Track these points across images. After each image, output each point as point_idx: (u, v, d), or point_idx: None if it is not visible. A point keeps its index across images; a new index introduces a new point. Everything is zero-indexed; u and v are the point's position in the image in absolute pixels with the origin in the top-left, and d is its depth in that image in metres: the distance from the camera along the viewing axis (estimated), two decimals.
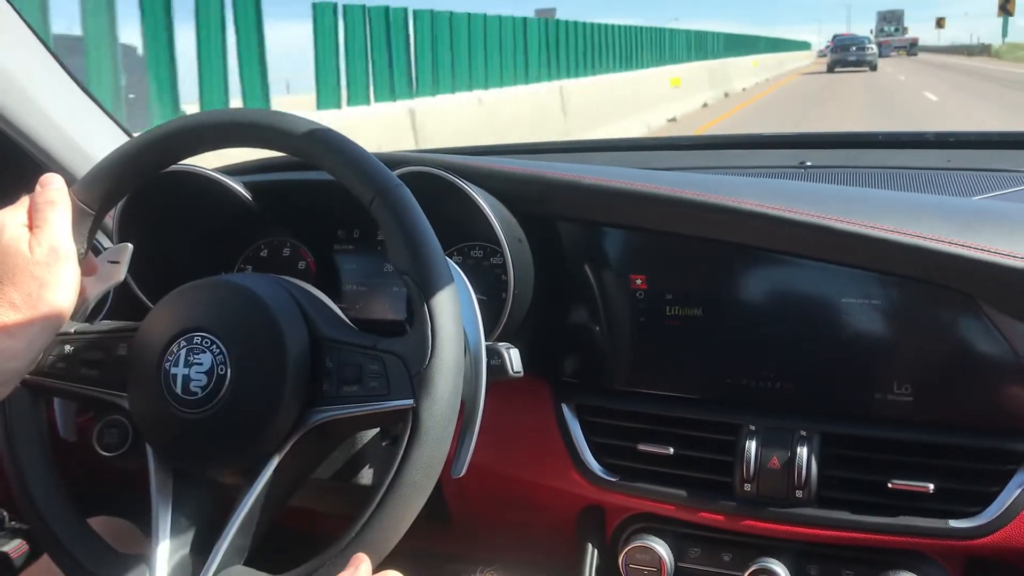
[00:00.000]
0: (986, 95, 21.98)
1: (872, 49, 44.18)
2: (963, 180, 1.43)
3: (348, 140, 0.91)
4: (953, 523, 1.06)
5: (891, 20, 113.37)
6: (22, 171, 1.38)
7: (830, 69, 43.24)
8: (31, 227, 0.89)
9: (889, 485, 1.07)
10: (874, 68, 41.82)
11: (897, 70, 41.05)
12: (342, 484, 1.18)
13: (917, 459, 1.08)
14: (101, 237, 1.35)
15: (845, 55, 43.78)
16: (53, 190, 0.92)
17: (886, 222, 1.04)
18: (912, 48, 79.64)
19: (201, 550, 0.90)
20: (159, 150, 0.96)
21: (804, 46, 68.16)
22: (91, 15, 6.37)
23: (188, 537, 0.91)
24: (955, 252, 1.01)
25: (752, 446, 1.12)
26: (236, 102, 7.75)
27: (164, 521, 0.90)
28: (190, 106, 7.37)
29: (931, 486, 1.06)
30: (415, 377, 0.82)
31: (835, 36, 53.83)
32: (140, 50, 6.93)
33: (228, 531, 0.86)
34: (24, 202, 0.91)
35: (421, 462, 0.81)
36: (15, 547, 1.47)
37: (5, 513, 1.46)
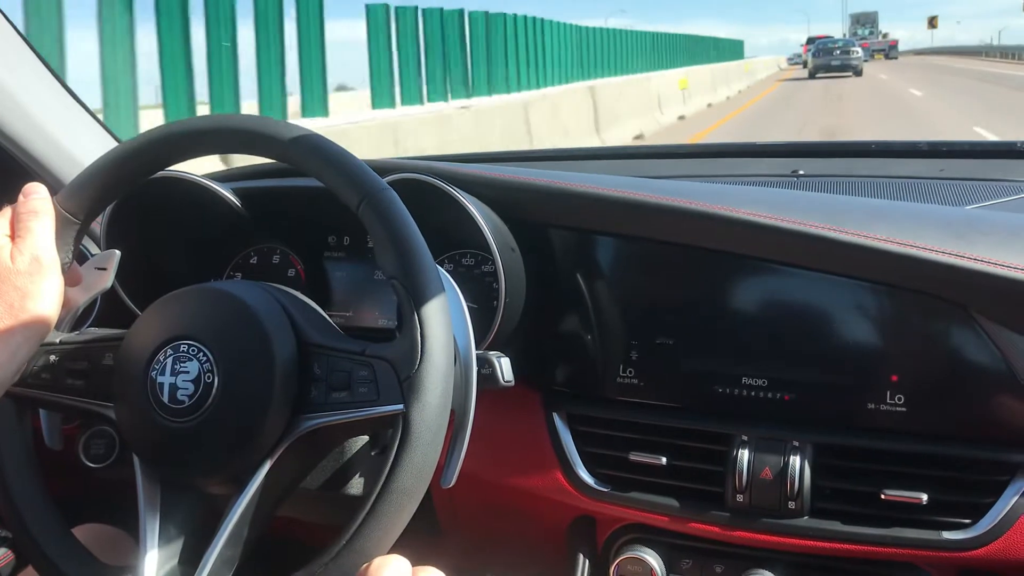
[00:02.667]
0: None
1: (857, 52, 40.71)
2: (956, 189, 1.43)
3: (335, 145, 0.90)
4: (947, 534, 1.05)
5: (865, 22, 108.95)
6: (11, 177, 1.37)
7: (811, 75, 39.55)
8: (13, 237, 0.88)
9: (882, 496, 1.07)
10: (859, 73, 38.39)
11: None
12: (331, 494, 1.17)
13: (910, 470, 1.08)
14: (88, 243, 1.34)
15: (828, 59, 40.17)
16: (36, 199, 0.91)
17: (879, 231, 1.04)
18: (891, 51, 74.25)
19: (189, 561, 0.89)
20: (144, 157, 0.95)
21: (734, 48, 43.06)
22: (107, 18, 6.37)
23: (176, 548, 0.90)
24: (948, 262, 1.01)
25: (744, 456, 1.11)
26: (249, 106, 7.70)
27: (152, 532, 0.89)
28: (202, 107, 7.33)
29: (924, 497, 1.05)
30: (405, 382, 0.81)
31: (810, 39, 45.87)
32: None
33: (217, 541, 0.84)
34: (6, 212, 0.91)
35: (412, 467, 0.80)
36: (1, 556, 1.46)
37: None
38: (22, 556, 1.39)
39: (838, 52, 40.37)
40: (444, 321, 0.84)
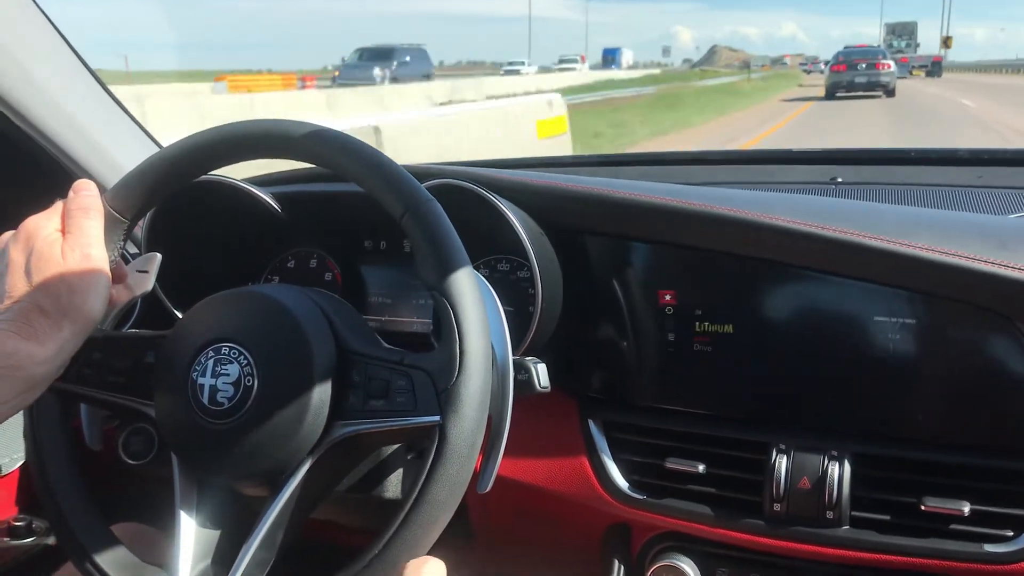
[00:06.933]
0: None
1: (889, 67, 29.96)
2: (996, 198, 1.41)
3: (379, 153, 0.90)
4: (988, 547, 1.04)
5: (902, 33, 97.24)
6: (53, 180, 1.39)
7: (829, 94, 30.05)
8: (63, 232, 0.89)
9: (922, 507, 1.05)
10: (891, 93, 29.04)
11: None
12: (365, 497, 1.17)
13: (951, 481, 1.06)
14: (129, 246, 1.36)
15: (852, 75, 29.92)
16: (86, 196, 0.92)
17: (919, 240, 1.03)
18: (934, 68, 56.60)
19: (223, 562, 0.89)
20: (192, 160, 0.96)
21: None
22: None
23: (211, 548, 0.91)
24: (991, 271, 0.99)
25: (782, 465, 1.10)
26: None
27: (187, 530, 0.90)
28: None
29: (966, 508, 1.04)
30: (442, 394, 0.81)
31: (846, 48, 33.15)
32: None
33: (251, 543, 0.85)
34: (57, 208, 0.91)
35: (446, 480, 0.80)
36: (53, 541, 1.48)
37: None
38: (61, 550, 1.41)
39: (863, 66, 30.12)
40: (483, 334, 0.84)
